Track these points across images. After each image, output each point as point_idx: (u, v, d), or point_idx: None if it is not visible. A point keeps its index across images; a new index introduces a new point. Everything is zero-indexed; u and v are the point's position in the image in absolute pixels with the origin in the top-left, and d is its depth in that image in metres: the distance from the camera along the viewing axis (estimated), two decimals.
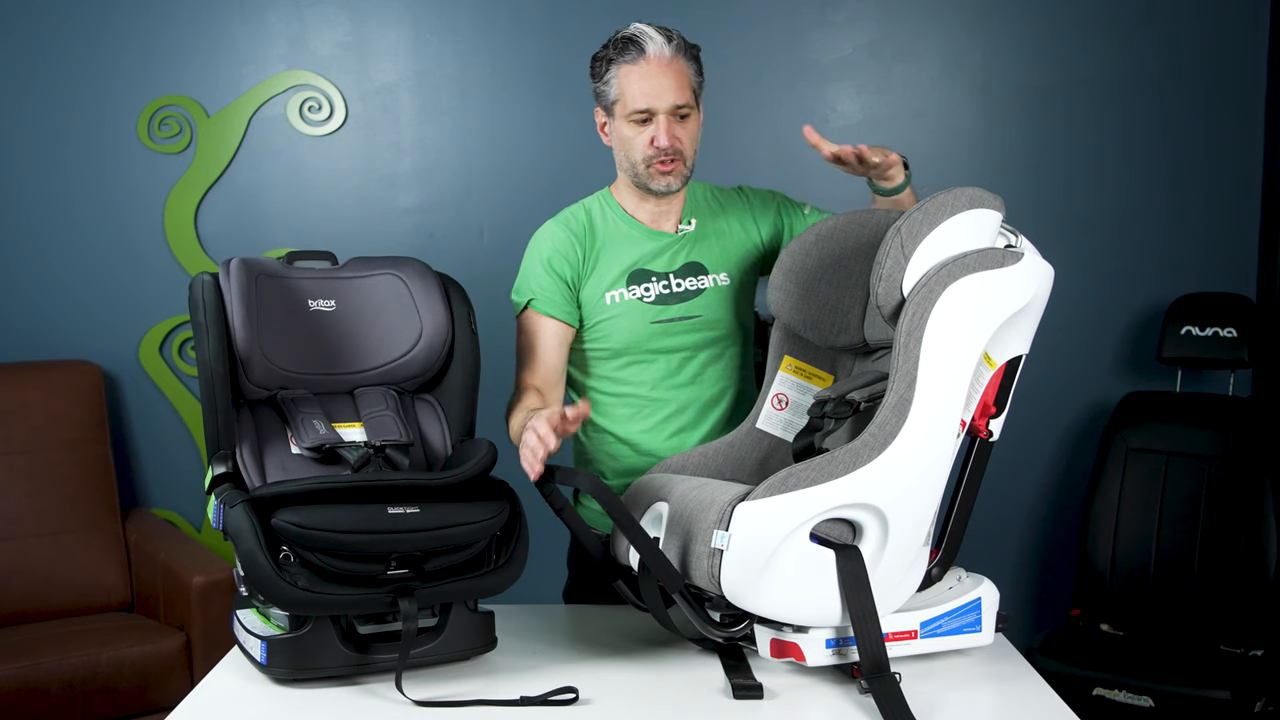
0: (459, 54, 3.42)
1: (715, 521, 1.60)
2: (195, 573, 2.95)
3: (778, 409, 1.98)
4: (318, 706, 1.61)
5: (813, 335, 1.97)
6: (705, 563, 1.60)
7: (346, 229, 3.41)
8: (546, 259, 2.07)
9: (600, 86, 2.05)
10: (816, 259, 1.95)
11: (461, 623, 1.74)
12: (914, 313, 1.64)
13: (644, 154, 2.02)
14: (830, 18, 3.40)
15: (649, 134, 2.01)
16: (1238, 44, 3.38)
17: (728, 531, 1.58)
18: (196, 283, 1.78)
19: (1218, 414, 3.16)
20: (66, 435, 3.25)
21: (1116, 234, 3.43)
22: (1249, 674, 2.83)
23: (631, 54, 2.00)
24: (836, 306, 1.94)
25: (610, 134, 2.08)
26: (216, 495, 1.68)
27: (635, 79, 2.00)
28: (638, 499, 1.84)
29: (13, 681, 2.75)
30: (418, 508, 1.64)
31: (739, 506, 1.58)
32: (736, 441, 1.98)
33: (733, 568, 1.58)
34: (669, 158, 2.02)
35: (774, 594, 1.60)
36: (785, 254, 1.98)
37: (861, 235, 1.94)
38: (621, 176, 2.11)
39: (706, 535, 1.61)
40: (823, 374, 1.99)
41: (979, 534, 3.49)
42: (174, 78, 3.38)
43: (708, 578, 1.61)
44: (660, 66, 1.99)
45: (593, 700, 1.62)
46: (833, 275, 1.94)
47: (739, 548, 1.57)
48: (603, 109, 2.08)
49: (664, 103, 1.99)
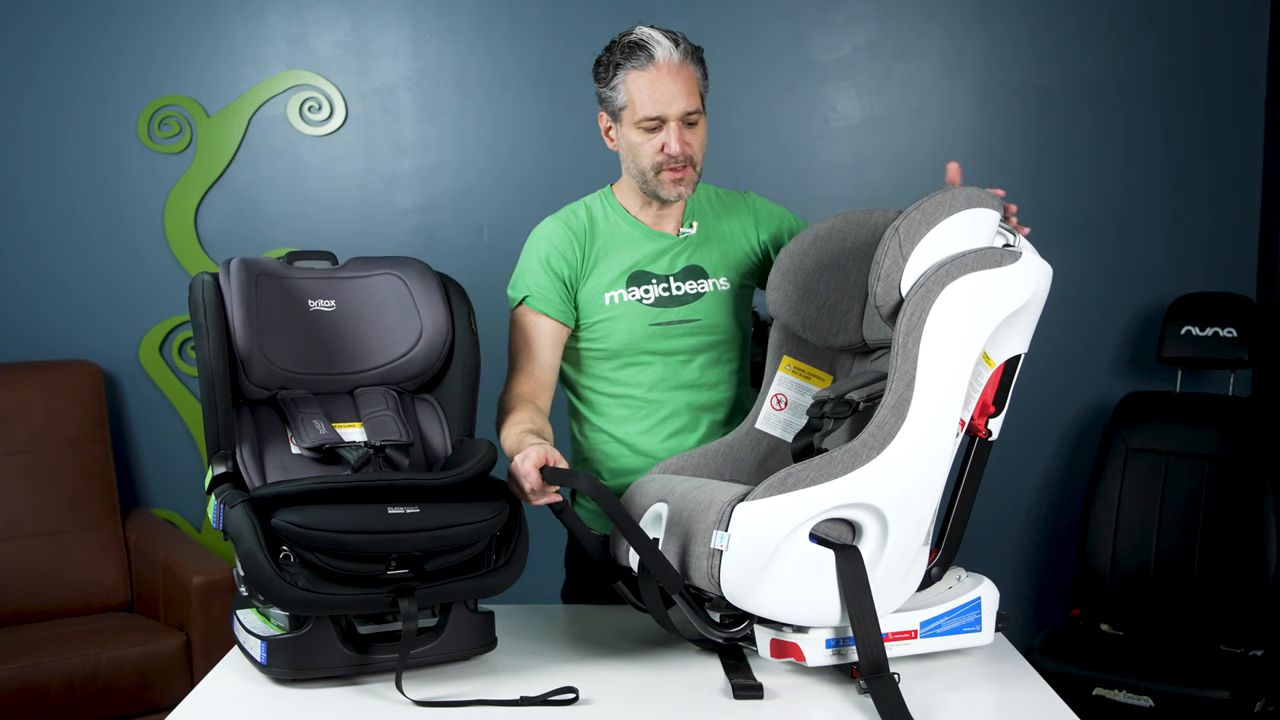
0: (459, 54, 3.42)
1: (715, 522, 1.60)
2: (195, 573, 2.95)
3: (777, 409, 1.98)
4: (318, 706, 1.61)
5: (812, 335, 1.97)
6: (705, 563, 1.60)
7: (346, 229, 3.41)
8: (545, 257, 2.05)
9: (606, 91, 2.01)
10: (815, 259, 1.95)
11: (461, 623, 1.74)
12: (912, 312, 1.64)
13: (654, 161, 1.99)
14: (830, 18, 3.40)
15: (659, 141, 1.98)
16: (1238, 44, 3.38)
17: (727, 532, 1.58)
18: (196, 283, 1.78)
19: (1218, 414, 3.16)
20: (66, 435, 3.25)
21: (1116, 234, 3.43)
22: (1249, 674, 2.83)
23: (640, 59, 1.96)
24: (835, 306, 1.94)
25: (616, 139, 2.05)
26: (216, 495, 1.68)
27: (645, 85, 1.96)
28: (636, 500, 1.84)
29: (13, 681, 2.75)
30: (418, 508, 1.64)
31: (738, 507, 1.58)
32: (736, 442, 1.98)
33: (732, 568, 1.58)
34: (680, 164, 1.99)
35: (773, 594, 1.60)
36: (784, 254, 1.98)
37: (859, 235, 1.94)
38: (626, 179, 2.09)
39: (706, 536, 1.61)
40: (822, 374, 1.99)
41: (979, 534, 3.49)
42: (174, 78, 3.38)
43: (707, 578, 1.61)
44: (670, 72, 1.96)
45: (593, 700, 1.62)
46: (831, 275, 1.94)
47: (738, 548, 1.57)
48: (608, 114, 2.04)
49: (675, 109, 1.96)
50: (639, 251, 2.07)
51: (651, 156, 1.99)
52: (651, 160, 1.99)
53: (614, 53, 2.00)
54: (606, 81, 2.00)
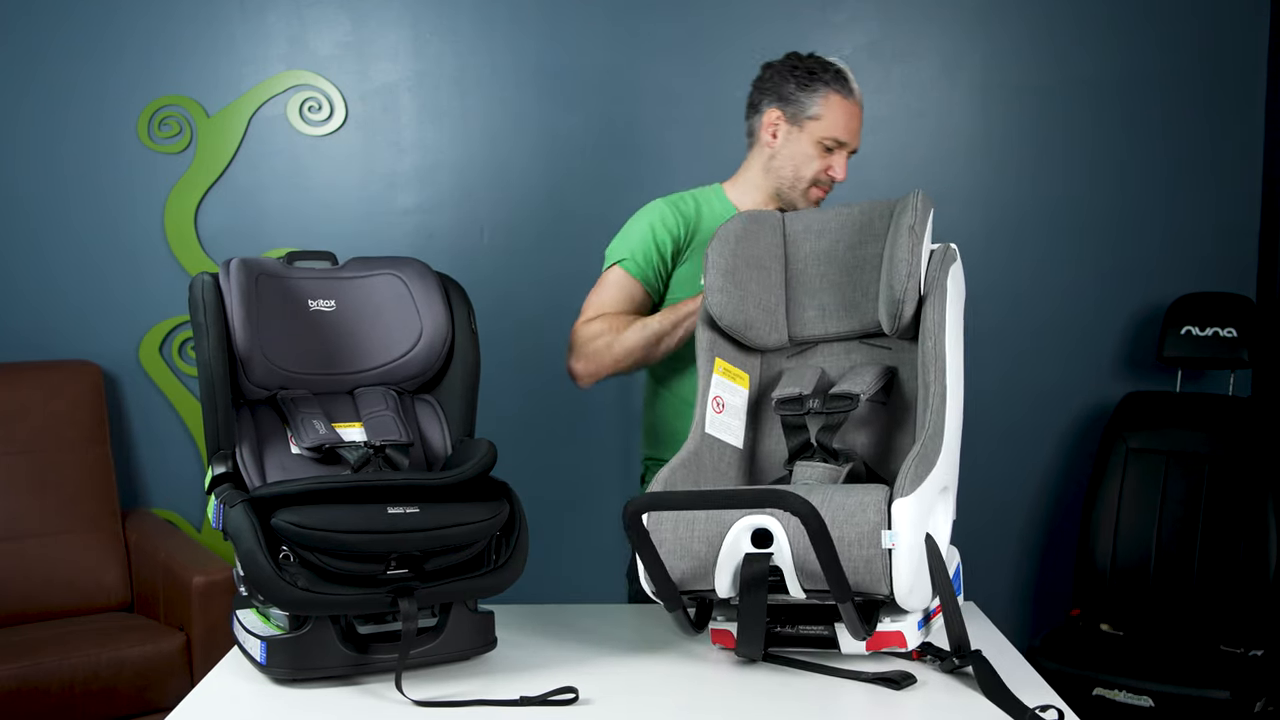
0: (459, 54, 3.42)
1: (878, 522, 1.57)
2: (195, 573, 2.95)
3: (717, 412, 1.92)
4: (318, 706, 1.61)
5: (751, 336, 1.95)
6: (877, 565, 1.57)
7: (346, 229, 3.41)
8: (651, 226, 2.19)
9: (801, 95, 2.19)
10: (744, 259, 1.94)
11: (461, 623, 1.74)
12: (934, 305, 1.76)
13: (815, 175, 2.21)
14: (830, 18, 3.40)
15: (828, 162, 2.21)
16: (1238, 44, 3.38)
17: (892, 529, 1.57)
18: (196, 283, 1.78)
19: (1218, 414, 3.16)
20: (66, 435, 3.25)
21: (1116, 234, 3.43)
22: (1249, 674, 2.83)
23: (844, 88, 2.19)
24: (767, 306, 1.95)
25: (782, 139, 2.21)
26: (216, 495, 1.68)
27: (841, 111, 2.19)
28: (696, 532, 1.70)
29: (13, 681, 2.75)
30: (417, 508, 1.64)
31: (897, 503, 1.58)
32: (700, 450, 1.87)
33: (902, 564, 1.57)
34: (827, 187, 2.23)
35: (919, 586, 1.61)
36: (717, 255, 1.93)
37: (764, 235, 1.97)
38: (756, 179, 2.24)
39: (866, 540, 1.57)
40: (743, 374, 1.98)
41: (979, 533, 3.50)
42: (174, 77, 3.38)
43: (881, 579, 1.57)
44: (858, 108, 2.22)
45: (593, 700, 1.62)
46: (757, 275, 1.95)
47: (904, 544, 1.57)
48: (787, 115, 2.21)
49: (855, 142, 2.22)
50: None
51: (815, 171, 2.21)
52: (813, 173, 2.21)
53: (822, 70, 2.20)
54: (806, 88, 2.18)
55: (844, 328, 1.95)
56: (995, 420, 3.47)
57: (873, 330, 1.93)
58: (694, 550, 1.66)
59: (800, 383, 1.89)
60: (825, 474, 1.83)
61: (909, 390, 1.89)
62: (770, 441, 1.95)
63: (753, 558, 1.61)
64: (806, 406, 1.85)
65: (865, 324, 1.94)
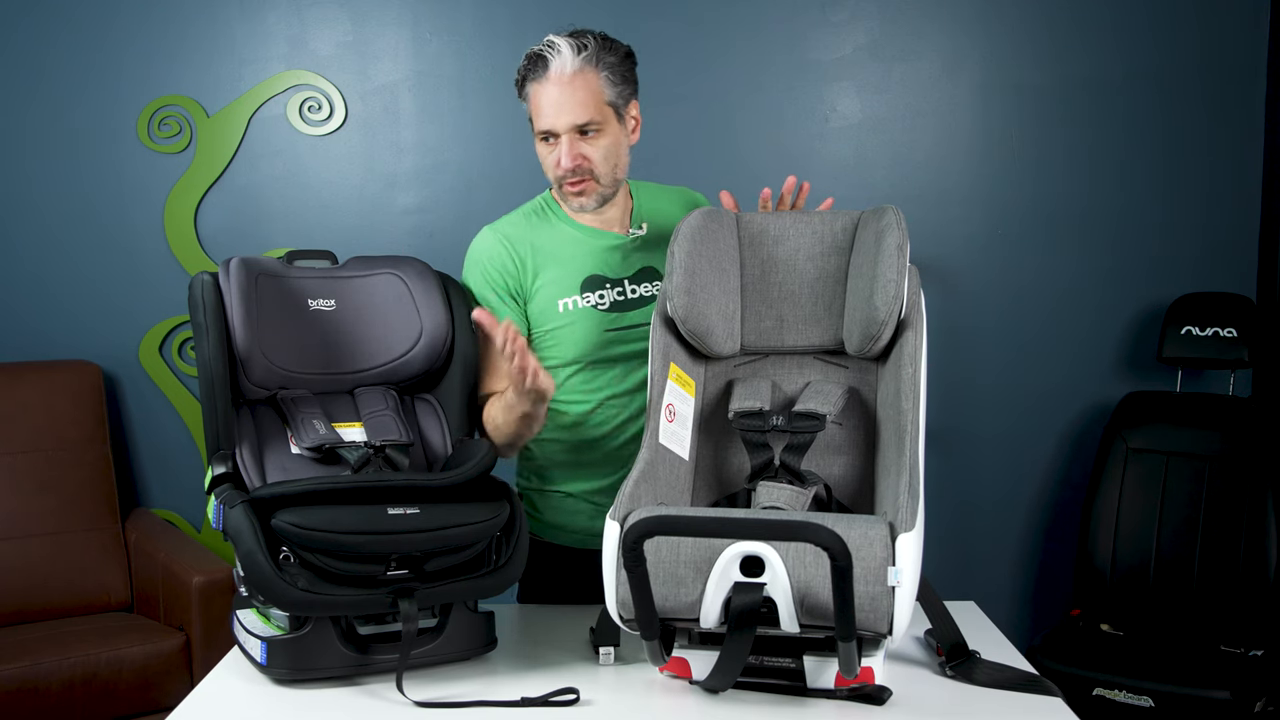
0: (459, 54, 3.42)
1: (884, 559, 1.48)
2: (195, 573, 2.95)
3: (669, 421, 1.81)
4: (318, 707, 1.61)
5: (710, 342, 1.86)
6: (882, 604, 1.48)
7: (346, 229, 3.41)
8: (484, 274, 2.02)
9: (522, 101, 2.00)
10: (706, 258, 1.86)
11: (461, 623, 1.74)
12: (912, 327, 1.73)
13: (555, 174, 1.99)
14: (830, 18, 3.40)
15: (556, 156, 1.96)
16: (1238, 44, 3.38)
17: (896, 566, 1.48)
18: (196, 282, 1.78)
19: (1218, 414, 3.16)
20: (66, 435, 3.25)
21: (1116, 234, 3.43)
22: (1249, 674, 2.83)
23: (538, 71, 1.93)
24: (726, 312, 1.88)
25: None
26: (216, 495, 1.68)
27: (540, 97, 1.94)
28: None
29: (13, 681, 2.75)
30: (418, 508, 1.64)
31: (901, 539, 1.49)
32: (658, 463, 1.76)
33: (904, 601, 1.49)
34: (577, 178, 1.96)
35: (908, 616, 1.52)
36: (683, 254, 1.83)
37: (722, 236, 1.90)
38: None
39: (873, 576, 1.47)
40: (691, 381, 1.88)
41: (979, 534, 3.50)
42: (174, 78, 3.38)
43: (883, 618, 1.48)
44: (560, 84, 1.92)
45: (593, 700, 1.62)
46: (719, 278, 1.87)
47: (907, 580, 1.48)
48: None
49: (563, 122, 1.93)
50: (589, 255, 2.04)
51: (552, 169, 1.98)
52: (553, 173, 1.99)
53: (525, 64, 1.97)
54: (521, 90, 1.99)
55: (802, 342, 1.89)
56: (995, 420, 3.46)
57: (831, 347, 1.88)
58: (679, 575, 1.51)
59: (758, 396, 1.82)
60: (792, 497, 1.75)
61: (868, 412, 1.84)
62: (730, 454, 1.86)
63: (743, 587, 1.49)
64: (769, 423, 1.79)
65: (825, 340, 1.88)
